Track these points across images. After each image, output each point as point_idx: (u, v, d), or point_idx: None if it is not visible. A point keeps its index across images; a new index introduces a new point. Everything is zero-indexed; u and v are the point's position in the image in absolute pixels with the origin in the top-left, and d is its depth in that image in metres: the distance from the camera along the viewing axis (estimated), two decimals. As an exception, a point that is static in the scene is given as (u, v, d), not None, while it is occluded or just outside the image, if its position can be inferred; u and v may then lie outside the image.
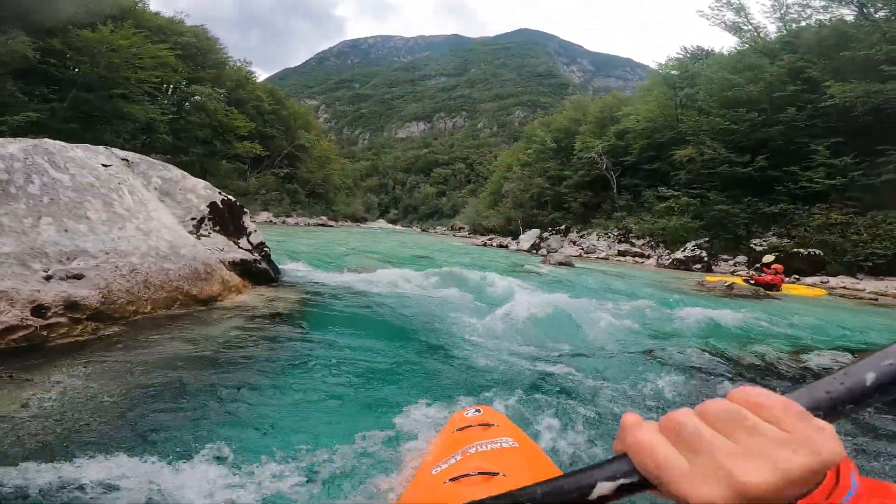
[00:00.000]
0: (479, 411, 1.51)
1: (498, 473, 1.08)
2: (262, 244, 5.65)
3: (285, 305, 4.40)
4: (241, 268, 4.90)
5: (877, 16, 18.67)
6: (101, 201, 3.50)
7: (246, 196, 38.02)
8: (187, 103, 31.97)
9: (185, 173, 5.14)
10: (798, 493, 0.29)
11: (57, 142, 3.75)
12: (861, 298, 11.65)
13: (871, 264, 14.61)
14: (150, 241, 3.66)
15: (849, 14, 19.63)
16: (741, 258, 18.21)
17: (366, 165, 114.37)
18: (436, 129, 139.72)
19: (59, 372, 2.30)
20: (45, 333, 2.55)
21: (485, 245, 25.81)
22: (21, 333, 2.44)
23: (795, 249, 16.07)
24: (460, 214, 59.78)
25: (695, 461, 0.30)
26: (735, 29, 23.85)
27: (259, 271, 5.24)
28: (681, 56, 29.23)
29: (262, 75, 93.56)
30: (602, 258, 20.47)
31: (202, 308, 3.83)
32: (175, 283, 3.65)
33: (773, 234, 17.99)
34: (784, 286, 12.31)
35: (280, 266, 7.16)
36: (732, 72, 21.10)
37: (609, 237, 24.43)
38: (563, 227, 23.85)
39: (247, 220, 5.66)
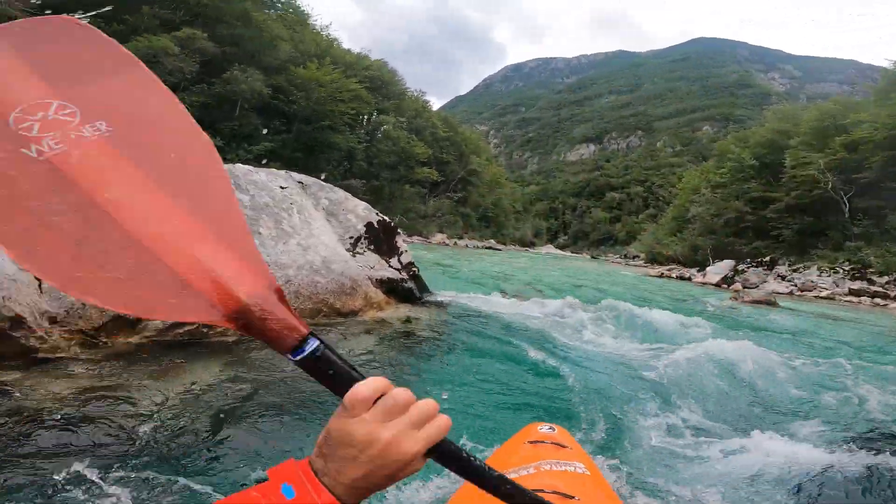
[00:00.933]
0: (552, 429, 1.47)
1: (574, 497, 1.04)
2: (411, 264, 5.85)
3: (419, 325, 4.40)
4: (388, 286, 5.11)
5: None
6: (272, 219, 4.01)
7: (424, 218, 41.57)
8: (378, 133, 36.33)
9: (349, 195, 5.65)
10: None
11: (246, 166, 4.47)
12: None
13: None
14: (308, 256, 4.03)
15: None
16: None
17: (535, 190, 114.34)
18: (608, 151, 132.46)
19: (216, 364, 2.62)
20: (205, 330, 2.94)
21: (662, 276, 23.00)
22: (187, 328, 2.86)
23: None
24: (636, 241, 55.01)
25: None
26: None
27: (404, 290, 5.40)
28: None
29: (435, 104, 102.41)
30: (824, 297, 16.22)
31: (342, 320, 4.05)
32: (322, 296, 3.94)
33: None
34: None
35: (433, 287, 7.41)
36: None
37: (837, 272, 19.32)
38: (767, 258, 19.69)
39: (399, 241, 5.94)
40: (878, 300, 15.34)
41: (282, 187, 4.59)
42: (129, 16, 19.07)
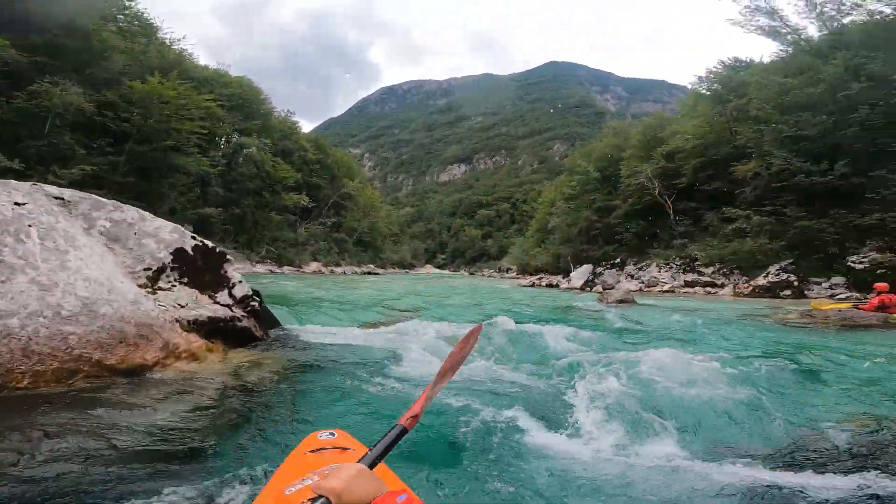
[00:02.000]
0: (333, 434, 1.46)
1: None
2: (247, 297, 4.63)
3: (252, 377, 3.25)
4: (210, 327, 3.85)
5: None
6: (-22, 248, 2.58)
7: (296, 246, 38.61)
8: (240, 157, 32.95)
9: (148, 214, 4.26)
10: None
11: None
12: None
13: None
14: (50, 298, 2.67)
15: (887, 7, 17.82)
16: (837, 279, 15.51)
17: (410, 211, 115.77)
18: (477, 171, 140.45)
19: None
20: None
21: (533, 286, 24.15)
22: None
23: (907, 265, 13.38)
24: (507, 256, 58.25)
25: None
26: (773, 33, 21.97)
27: (237, 330, 4.18)
28: (719, 69, 27.23)
29: (307, 126, 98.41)
30: (667, 291, 18.27)
31: (123, 381, 2.76)
32: (78, 351, 2.62)
33: (872, 250, 15.25)
34: None
35: (290, 322, 6.15)
36: (783, 76, 19.10)
37: (671, 267, 22.08)
38: (618, 259, 21.82)
39: (230, 270, 4.68)
40: (708, 288, 17.69)
41: (17, 203, 3.12)
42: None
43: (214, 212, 28.69)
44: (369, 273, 40.73)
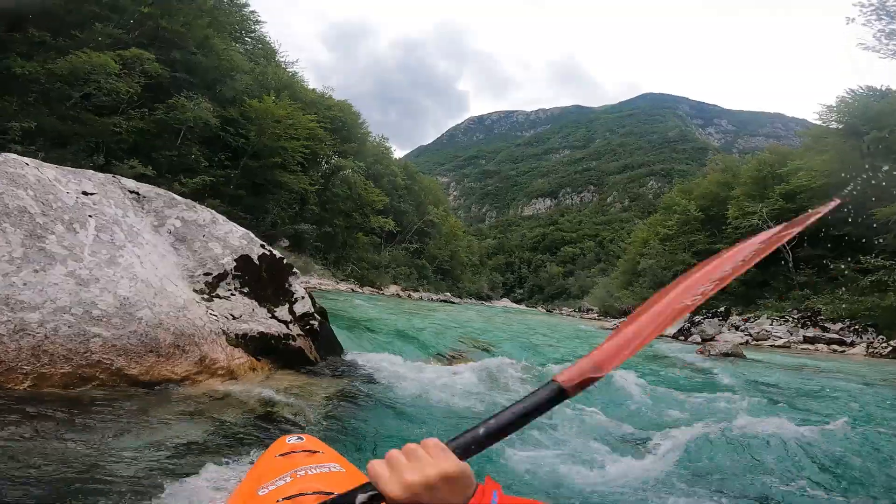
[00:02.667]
0: (301, 438, 1.46)
1: (333, 493, 0.98)
2: (308, 315, 4.26)
3: (287, 405, 2.78)
4: (259, 343, 3.49)
5: None
6: (22, 232, 2.40)
7: (378, 269, 39.52)
8: (337, 178, 34.43)
9: (220, 217, 4.09)
10: (442, 491, 0.51)
11: (27, 158, 2.88)
12: None
13: None
14: (84, 294, 2.42)
15: None
16: None
17: (492, 244, 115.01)
18: (562, 206, 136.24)
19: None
20: None
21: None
22: None
23: None
24: (589, 295, 55.10)
25: (391, 472, 0.53)
26: None
27: (290, 350, 3.79)
28: (849, 98, 23.59)
29: (398, 153, 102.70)
30: (780, 346, 15.57)
31: (141, 391, 2.40)
32: (97, 356, 2.31)
33: None
34: None
35: (354, 346, 5.72)
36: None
37: (787, 321, 19.00)
38: (721, 309, 19.29)
39: (295, 284, 4.37)
40: (834, 346, 14.81)
41: (85, 192, 3.01)
42: (78, 32, 17.33)
43: (309, 228, 30.22)
44: (445, 301, 40.42)
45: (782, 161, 26.43)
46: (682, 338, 16.87)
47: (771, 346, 15.81)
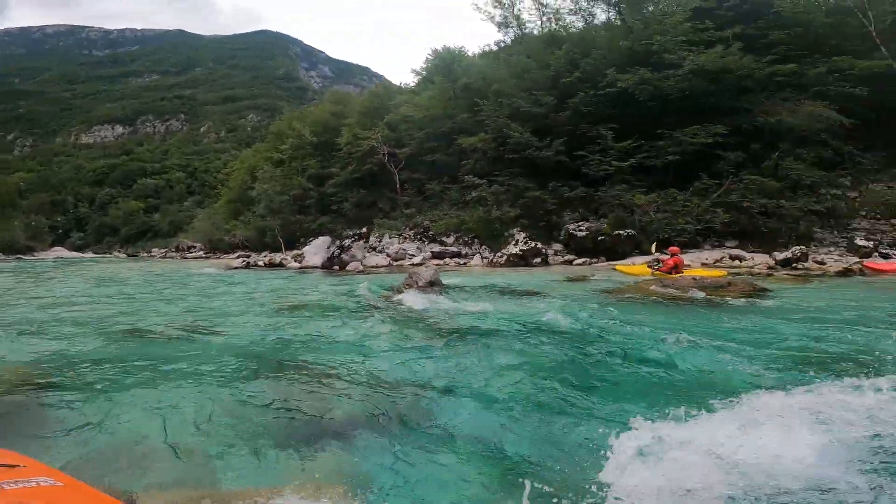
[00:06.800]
0: None
1: None
2: None
3: None
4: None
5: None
6: None
7: None
8: None
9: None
10: None
11: None
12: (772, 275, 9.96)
13: (684, 240, 14.07)
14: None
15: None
16: (557, 246, 16.07)
17: (27, 177, 78.54)
18: (140, 134, 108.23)
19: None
20: None
21: (248, 267, 16.95)
22: None
23: (617, 231, 14.61)
24: (189, 230, 44.99)
25: None
26: (504, 24, 23.08)
27: None
28: (442, 52, 26.93)
29: None
30: (419, 263, 15.27)
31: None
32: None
33: (584, 219, 16.48)
34: (686, 270, 9.77)
35: None
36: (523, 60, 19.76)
37: (404, 238, 19.52)
38: (363, 230, 17.66)
39: None
40: (457, 259, 15.69)
41: None
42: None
43: None
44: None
45: (389, 96, 27.36)
46: (336, 267, 13.99)
47: (411, 264, 15.22)
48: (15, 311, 6.68)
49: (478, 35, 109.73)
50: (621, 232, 14.47)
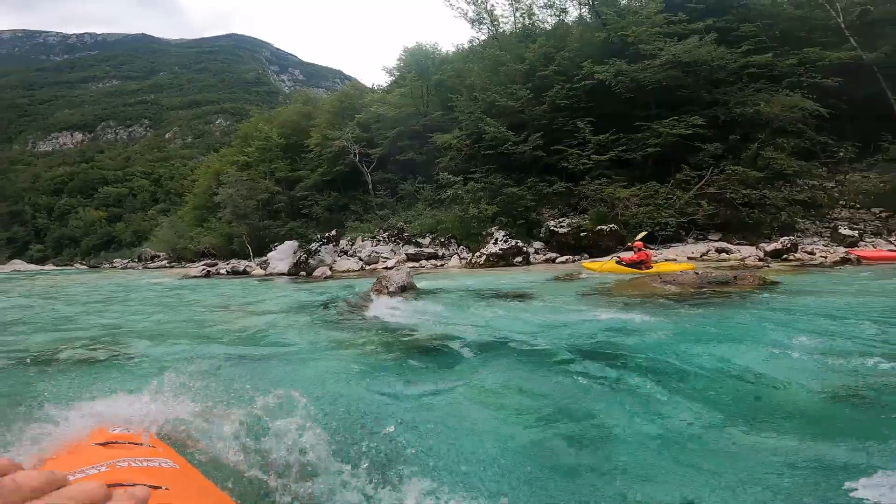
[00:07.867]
0: (128, 429, 1.28)
1: (161, 487, 0.93)
2: None
3: None
4: None
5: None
6: None
7: None
8: None
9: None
10: None
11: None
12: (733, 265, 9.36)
13: (666, 233, 13.50)
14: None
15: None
16: (538, 244, 15.26)
17: (-20, 188, 73.85)
18: (101, 141, 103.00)
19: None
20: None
21: (208, 275, 15.51)
22: None
23: (599, 227, 13.91)
24: (152, 239, 42.45)
25: None
26: (477, 21, 22.27)
27: None
28: (404, 56, 25.92)
29: None
30: (392, 267, 14.20)
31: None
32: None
33: (564, 215, 15.75)
34: (654, 264, 9.24)
35: None
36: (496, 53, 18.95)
37: (378, 241, 18.38)
38: (333, 233, 16.38)
39: None
40: (434, 261, 14.71)
41: None
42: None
43: None
44: None
45: (360, 95, 26.24)
46: (303, 272, 12.78)
47: (384, 267, 14.15)
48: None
49: (451, 33, 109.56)
50: (604, 227, 13.78)
